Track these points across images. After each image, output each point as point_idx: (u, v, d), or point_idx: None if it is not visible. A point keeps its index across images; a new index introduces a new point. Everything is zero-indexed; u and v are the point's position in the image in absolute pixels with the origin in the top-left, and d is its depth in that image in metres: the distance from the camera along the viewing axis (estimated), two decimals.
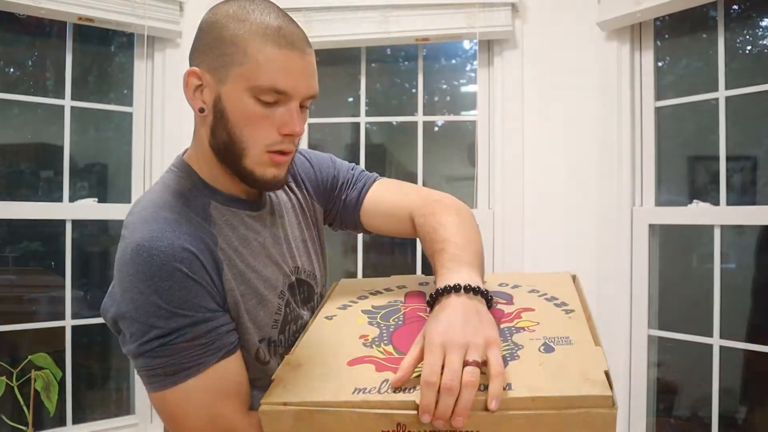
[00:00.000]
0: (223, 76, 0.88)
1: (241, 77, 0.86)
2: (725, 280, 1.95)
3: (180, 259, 0.81)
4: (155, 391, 0.83)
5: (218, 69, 0.88)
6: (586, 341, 0.80)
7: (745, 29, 2.02)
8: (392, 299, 1.03)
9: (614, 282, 2.12)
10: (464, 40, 2.43)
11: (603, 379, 0.69)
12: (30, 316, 2.23)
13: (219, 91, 0.89)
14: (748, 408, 2.03)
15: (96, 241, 2.40)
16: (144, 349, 0.81)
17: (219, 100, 0.89)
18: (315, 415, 0.72)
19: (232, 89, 0.87)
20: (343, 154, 2.60)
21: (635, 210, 2.13)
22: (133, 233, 0.83)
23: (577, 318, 0.88)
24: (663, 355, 2.14)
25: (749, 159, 2.04)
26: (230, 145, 0.89)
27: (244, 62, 0.86)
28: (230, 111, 0.88)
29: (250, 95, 0.87)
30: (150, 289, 0.79)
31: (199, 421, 0.82)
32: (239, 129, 0.88)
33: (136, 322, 0.81)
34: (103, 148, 2.45)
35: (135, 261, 0.80)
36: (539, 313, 0.91)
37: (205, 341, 0.82)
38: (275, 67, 0.86)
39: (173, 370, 0.81)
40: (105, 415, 2.31)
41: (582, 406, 0.67)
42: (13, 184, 2.24)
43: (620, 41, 2.13)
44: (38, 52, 2.31)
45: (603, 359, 0.74)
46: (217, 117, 0.89)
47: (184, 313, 0.80)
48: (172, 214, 0.87)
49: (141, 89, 2.34)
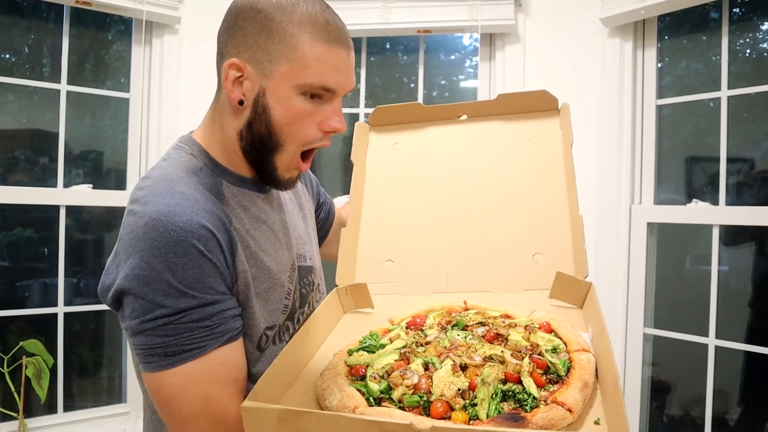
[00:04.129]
0: (269, 70, 0.84)
1: (289, 74, 0.83)
2: (722, 281, 1.95)
3: (198, 236, 0.78)
4: (151, 371, 0.80)
5: (263, 62, 0.84)
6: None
7: (746, 32, 2.01)
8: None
9: (611, 279, 2.12)
10: (466, 32, 2.41)
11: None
12: (22, 302, 2.21)
13: (264, 85, 0.85)
14: (743, 409, 2.03)
15: (90, 229, 2.38)
16: (145, 327, 0.78)
17: (263, 95, 0.85)
18: (300, 417, 0.68)
19: (278, 85, 0.84)
20: (341, 146, 2.59)
21: (634, 208, 2.12)
22: (147, 207, 0.80)
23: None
24: (658, 354, 2.14)
25: (746, 161, 2.03)
26: (268, 140, 0.87)
27: (294, 59, 0.83)
28: (274, 107, 0.85)
29: (299, 93, 0.84)
30: (163, 264, 0.76)
31: (193, 405, 0.79)
32: (281, 125, 0.86)
33: (141, 298, 0.77)
34: (99, 135, 2.42)
35: (149, 235, 0.77)
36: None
37: (210, 324, 0.80)
38: (326, 66, 0.84)
39: (173, 351, 0.78)
40: (96, 402, 2.30)
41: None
42: (7, 170, 2.21)
43: (623, 38, 2.12)
44: (35, 36, 2.27)
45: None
46: (258, 112, 0.86)
47: (193, 293, 0.78)
48: (188, 189, 0.84)
49: (138, 75, 2.31)
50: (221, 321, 0.81)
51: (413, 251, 1.17)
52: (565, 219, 1.11)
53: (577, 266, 1.06)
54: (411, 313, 1.01)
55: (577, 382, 0.74)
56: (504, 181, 1.19)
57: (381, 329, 0.97)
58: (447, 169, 1.23)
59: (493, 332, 0.88)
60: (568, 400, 0.71)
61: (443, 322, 0.95)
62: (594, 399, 0.76)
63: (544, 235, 1.12)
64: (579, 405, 0.71)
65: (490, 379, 0.74)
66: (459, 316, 0.96)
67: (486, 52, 2.38)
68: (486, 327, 0.90)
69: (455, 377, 0.76)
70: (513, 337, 0.86)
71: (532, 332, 0.87)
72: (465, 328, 0.91)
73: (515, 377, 0.76)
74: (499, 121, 1.26)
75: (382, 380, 0.79)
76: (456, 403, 0.73)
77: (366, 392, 0.77)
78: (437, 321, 0.96)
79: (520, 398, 0.73)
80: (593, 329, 0.89)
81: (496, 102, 1.26)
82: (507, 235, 1.14)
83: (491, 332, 0.88)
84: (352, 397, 0.75)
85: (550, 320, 0.91)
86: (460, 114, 1.28)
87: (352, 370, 0.84)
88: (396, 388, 0.77)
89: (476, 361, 0.78)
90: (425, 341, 0.87)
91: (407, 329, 0.96)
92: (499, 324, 0.91)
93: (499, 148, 1.23)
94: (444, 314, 0.99)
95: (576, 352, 0.82)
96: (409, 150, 1.28)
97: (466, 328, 0.91)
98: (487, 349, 0.82)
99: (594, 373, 0.78)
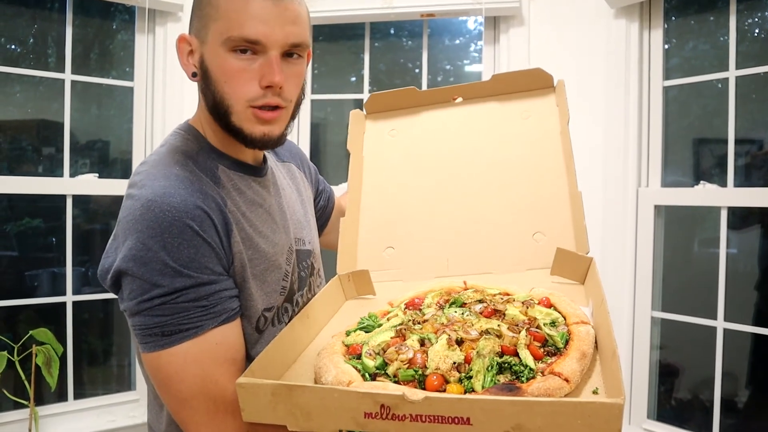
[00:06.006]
0: (204, 36, 0.87)
1: (216, 33, 0.86)
2: (730, 263, 1.93)
3: (192, 216, 0.80)
4: (149, 352, 0.81)
5: (200, 30, 0.88)
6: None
7: (755, 11, 1.98)
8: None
9: (618, 263, 2.10)
10: (470, 16, 2.39)
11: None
12: (31, 292, 2.23)
13: (202, 51, 0.88)
14: (751, 391, 2.02)
15: (97, 218, 2.39)
16: (143, 307, 0.79)
17: (203, 60, 0.88)
18: (294, 391, 0.68)
19: (211, 47, 0.87)
20: (345, 135, 2.57)
21: (641, 191, 2.10)
22: (143, 190, 0.81)
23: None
24: (666, 338, 2.13)
25: (754, 142, 2.01)
26: (218, 104, 0.88)
27: (218, 17, 0.85)
28: (212, 69, 0.87)
29: (226, 49, 0.85)
30: (159, 245, 0.78)
31: (192, 385, 0.80)
32: (221, 86, 0.87)
33: (138, 279, 0.79)
34: (105, 124, 2.43)
35: (145, 217, 0.78)
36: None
37: (207, 303, 0.81)
38: (245, 17, 0.84)
39: (170, 331, 0.79)
40: (106, 390, 2.32)
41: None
42: (14, 160, 2.23)
43: (629, 19, 2.09)
44: (39, 26, 2.28)
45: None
46: (205, 78, 0.89)
47: (189, 273, 0.79)
48: (183, 171, 0.86)
49: (142, 64, 2.32)
50: (218, 301, 0.82)
51: (413, 237, 1.17)
52: (564, 196, 1.11)
53: (578, 243, 1.06)
54: (410, 295, 1.01)
55: (575, 352, 0.74)
56: (502, 161, 1.19)
57: (380, 311, 0.97)
58: (444, 152, 1.23)
59: (491, 308, 0.87)
60: (564, 370, 0.70)
61: (441, 301, 0.95)
62: (593, 370, 0.75)
63: (543, 213, 1.12)
64: (576, 375, 0.71)
65: (486, 351, 0.74)
66: (457, 295, 0.96)
67: (490, 35, 2.36)
68: (484, 304, 0.89)
69: (450, 351, 0.76)
70: (510, 311, 0.86)
71: (530, 307, 0.87)
72: (463, 306, 0.91)
73: (512, 350, 0.75)
74: (494, 102, 1.25)
75: (378, 356, 0.79)
76: (451, 376, 0.73)
77: (362, 369, 0.78)
78: (435, 300, 0.96)
79: (517, 370, 0.72)
80: (593, 302, 0.88)
81: (491, 82, 1.25)
82: (507, 215, 1.14)
83: (489, 308, 0.88)
84: (347, 373, 0.76)
85: (549, 295, 0.91)
86: (456, 96, 1.28)
87: (349, 349, 0.84)
88: (391, 363, 0.76)
89: (472, 336, 0.78)
90: (422, 320, 0.87)
91: (405, 309, 0.96)
92: (497, 301, 0.91)
93: (495, 128, 1.22)
94: (443, 294, 0.98)
95: (575, 324, 0.81)
96: (406, 136, 1.28)
97: (464, 306, 0.91)
98: (483, 324, 0.81)
99: (593, 345, 0.78)
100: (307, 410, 0.68)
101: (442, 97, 1.29)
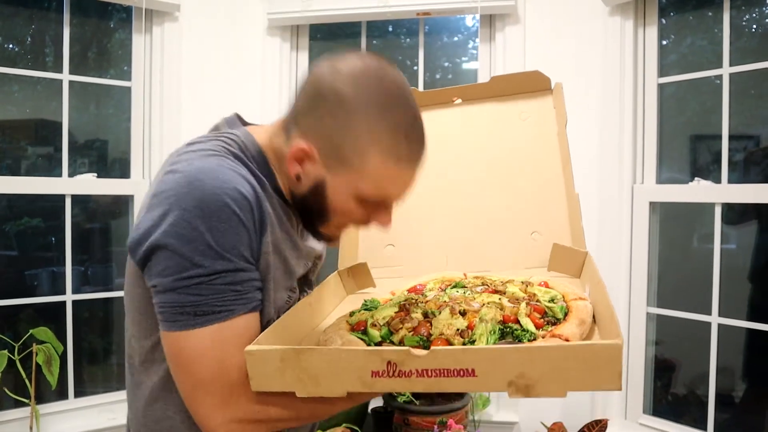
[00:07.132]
0: (334, 166, 0.85)
1: (352, 183, 0.85)
2: (724, 259, 1.95)
3: (240, 205, 0.80)
4: (177, 330, 0.80)
5: (331, 157, 0.85)
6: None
7: (752, 7, 1.99)
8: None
9: (614, 259, 2.12)
10: (466, 14, 2.40)
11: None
12: (31, 291, 2.24)
13: (324, 176, 0.86)
14: (747, 386, 2.04)
15: (96, 217, 2.40)
16: (179, 285, 0.78)
17: (322, 185, 0.87)
18: (301, 355, 0.70)
19: (339, 185, 0.86)
20: None
21: (636, 187, 2.11)
22: (191, 165, 0.81)
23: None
24: (661, 333, 2.15)
25: (751, 138, 2.02)
26: (318, 214, 0.90)
27: (362, 172, 0.84)
28: (331, 200, 0.88)
29: (357, 200, 0.87)
30: (205, 225, 0.77)
31: (213, 368, 0.80)
32: (330, 213, 0.89)
33: (177, 255, 0.78)
34: (103, 124, 2.43)
35: (193, 194, 0.78)
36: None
37: (240, 289, 0.81)
38: (392, 186, 0.86)
39: (203, 311, 0.79)
40: (106, 388, 2.33)
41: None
42: (13, 161, 2.24)
43: (624, 16, 2.11)
44: (37, 26, 2.28)
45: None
46: (313, 193, 0.88)
47: (230, 257, 0.79)
48: (234, 164, 0.86)
49: (139, 64, 2.32)
50: (249, 288, 0.83)
51: (413, 235, 1.19)
52: (561, 197, 1.13)
53: (574, 242, 1.08)
54: (412, 283, 1.04)
55: (574, 319, 0.77)
56: (500, 162, 1.20)
57: (383, 299, 1.00)
58: (444, 152, 1.25)
59: (492, 289, 0.90)
60: (565, 332, 0.73)
61: (443, 286, 0.98)
62: (592, 337, 0.77)
63: (541, 213, 1.14)
64: (576, 337, 0.73)
65: (489, 318, 0.76)
66: (459, 280, 0.99)
67: (486, 33, 2.37)
68: (485, 286, 0.92)
69: (454, 319, 0.78)
70: (510, 289, 0.88)
71: (530, 285, 0.89)
72: (464, 288, 0.94)
73: (513, 319, 0.78)
74: (493, 103, 1.27)
75: (383, 327, 0.81)
76: (455, 340, 0.75)
77: (368, 340, 0.80)
78: (437, 286, 0.99)
79: (518, 335, 0.75)
80: (590, 285, 0.90)
81: (490, 84, 1.27)
82: (505, 215, 1.16)
83: (490, 289, 0.90)
84: (353, 341, 0.78)
85: (547, 280, 0.94)
86: (455, 98, 1.29)
87: (354, 327, 0.87)
88: (396, 332, 0.79)
89: (474, 307, 0.81)
90: (425, 300, 0.90)
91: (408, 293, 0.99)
92: (497, 284, 0.93)
93: (494, 129, 1.24)
94: (444, 281, 1.01)
95: (573, 300, 0.83)
96: None
97: (466, 288, 0.94)
98: (485, 298, 0.84)
99: (591, 316, 0.80)
100: (315, 374, 0.70)
101: (441, 98, 1.30)
